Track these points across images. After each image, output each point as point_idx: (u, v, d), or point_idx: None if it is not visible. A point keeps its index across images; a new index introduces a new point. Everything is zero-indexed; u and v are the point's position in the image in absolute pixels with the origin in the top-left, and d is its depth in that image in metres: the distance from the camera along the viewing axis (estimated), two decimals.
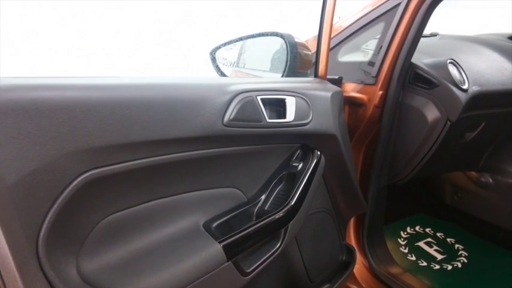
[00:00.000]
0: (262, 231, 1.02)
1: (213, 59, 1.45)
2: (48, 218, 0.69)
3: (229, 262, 0.94)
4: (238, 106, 0.98)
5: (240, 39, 1.44)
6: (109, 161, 0.77)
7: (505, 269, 1.93)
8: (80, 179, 0.73)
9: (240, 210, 1.06)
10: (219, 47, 1.44)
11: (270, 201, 1.11)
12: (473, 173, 2.15)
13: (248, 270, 0.99)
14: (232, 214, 1.04)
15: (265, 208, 1.10)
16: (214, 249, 0.92)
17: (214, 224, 1.00)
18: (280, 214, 1.05)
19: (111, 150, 0.77)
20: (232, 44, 1.45)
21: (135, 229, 0.88)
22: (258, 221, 1.02)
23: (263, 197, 1.12)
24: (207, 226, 0.98)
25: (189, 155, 0.92)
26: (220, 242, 0.93)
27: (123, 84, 0.83)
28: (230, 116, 0.96)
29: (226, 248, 0.93)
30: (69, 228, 0.75)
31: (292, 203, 1.07)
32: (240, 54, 1.66)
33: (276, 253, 1.06)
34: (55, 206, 0.70)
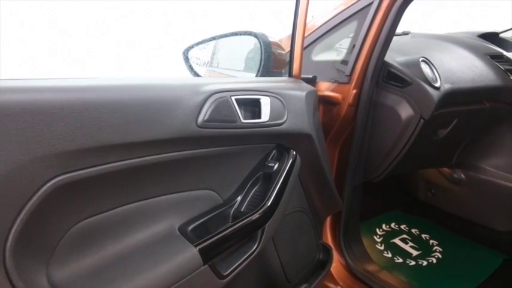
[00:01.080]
0: (238, 233, 1.00)
1: (186, 59, 1.42)
2: (15, 227, 0.66)
3: (206, 266, 0.92)
4: (212, 107, 0.96)
5: (213, 38, 1.42)
6: (79, 166, 0.75)
7: (479, 263, 1.96)
8: (48, 185, 0.70)
9: (215, 212, 1.04)
10: (191, 47, 1.42)
11: (246, 203, 1.10)
12: (446, 169, 2.19)
13: (225, 273, 0.97)
14: (208, 216, 1.02)
15: (242, 209, 1.08)
16: (190, 253, 0.90)
17: (190, 227, 0.98)
18: (257, 215, 1.03)
19: (81, 154, 0.74)
20: (205, 44, 1.43)
21: (109, 234, 0.86)
22: (234, 222, 1.00)
23: (239, 198, 1.10)
24: (182, 229, 0.96)
25: (163, 158, 0.89)
26: (196, 246, 0.91)
27: (93, 85, 0.81)
28: (204, 116, 0.94)
29: (202, 252, 0.91)
30: (39, 236, 0.72)
31: (269, 204, 1.06)
32: (213, 54, 1.64)
33: (253, 255, 1.04)
34: (22, 213, 0.67)
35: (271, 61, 1.34)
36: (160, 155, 0.88)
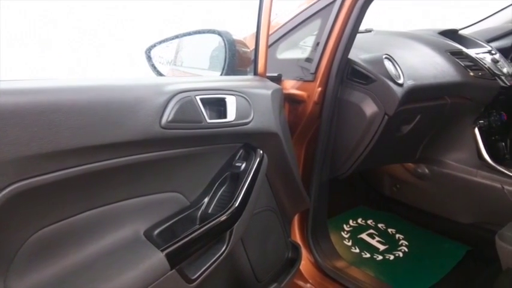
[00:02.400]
0: (206, 235, 0.98)
1: (149, 58, 1.39)
2: None
3: (173, 270, 0.90)
4: (176, 107, 0.94)
5: (176, 37, 1.39)
6: (37, 172, 0.71)
7: (443, 255, 2.01)
8: (4, 192, 0.66)
9: (182, 215, 1.02)
10: (154, 45, 1.39)
11: (213, 204, 1.08)
12: (410, 164, 2.23)
13: (193, 277, 0.95)
14: (175, 220, 1.00)
15: (209, 211, 1.06)
16: (157, 258, 0.87)
17: (156, 232, 0.95)
18: (225, 216, 1.02)
19: (38, 160, 0.71)
20: (168, 42, 1.40)
21: (71, 242, 0.82)
22: (201, 225, 0.98)
23: (206, 199, 1.08)
24: (148, 234, 0.94)
25: (126, 161, 0.87)
26: (162, 250, 0.89)
27: (50, 87, 0.77)
28: (168, 117, 0.92)
29: (169, 256, 0.89)
30: None
31: (237, 205, 1.04)
32: (177, 52, 1.61)
33: (222, 257, 1.03)
34: None
35: (236, 59, 1.33)
36: (122, 158, 0.86)
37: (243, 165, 1.12)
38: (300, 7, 1.70)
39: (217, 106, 1.07)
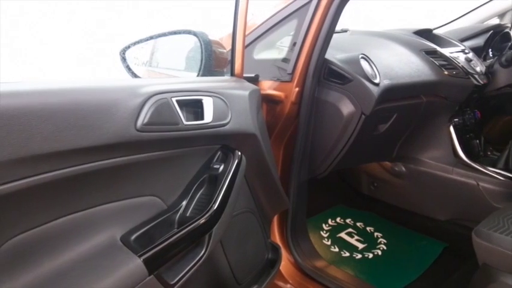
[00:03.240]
0: (185, 239, 0.97)
1: (123, 59, 1.36)
2: None
3: (152, 276, 0.88)
4: (152, 109, 0.92)
5: (151, 37, 1.37)
6: (8, 178, 0.69)
7: (421, 252, 2.03)
8: None
9: (160, 219, 1.00)
10: (128, 47, 1.36)
11: (191, 207, 1.06)
12: (387, 163, 2.25)
13: (172, 282, 0.94)
14: (152, 224, 0.98)
15: (187, 214, 1.05)
16: (134, 264, 0.85)
17: (133, 237, 0.93)
18: (203, 219, 1.00)
19: (9, 166, 0.68)
20: (143, 43, 1.38)
21: (45, 250, 0.80)
22: (180, 229, 0.97)
23: (184, 203, 1.07)
24: (125, 239, 0.92)
25: (101, 165, 0.84)
26: (140, 256, 0.87)
27: (21, 90, 0.74)
28: (144, 120, 0.90)
29: (147, 262, 0.87)
30: None
31: (215, 207, 1.03)
32: (152, 53, 1.58)
33: (201, 260, 1.01)
34: None
35: (213, 60, 1.31)
36: (97, 163, 0.83)
37: (221, 167, 1.11)
38: (276, 7, 1.69)
39: (194, 108, 1.06)
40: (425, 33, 2.18)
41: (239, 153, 1.16)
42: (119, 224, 0.93)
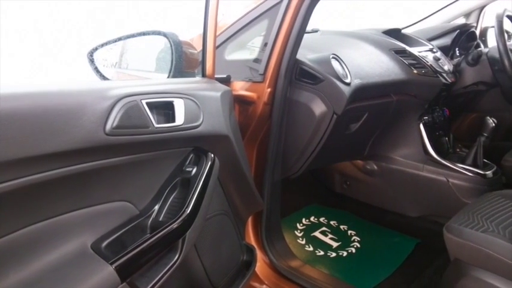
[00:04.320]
0: (158, 244, 0.95)
1: (91, 61, 1.33)
2: None
3: (124, 283, 0.86)
4: (121, 112, 0.90)
5: (119, 39, 1.34)
6: None
7: (394, 249, 2.06)
8: None
9: (131, 224, 0.98)
10: (96, 48, 1.33)
11: (164, 211, 1.04)
12: (359, 161, 2.27)
13: None
14: (124, 230, 0.96)
15: (160, 219, 1.03)
16: (106, 272, 0.83)
17: (104, 244, 0.91)
18: (176, 224, 0.98)
19: None
20: (111, 44, 1.35)
21: (11, 261, 0.77)
22: (152, 234, 0.95)
23: (156, 207, 1.05)
24: (95, 247, 0.89)
25: (69, 171, 0.82)
26: (111, 263, 0.84)
27: None
28: (113, 123, 0.87)
29: (119, 269, 0.84)
30: None
31: (188, 211, 1.01)
32: (122, 55, 1.55)
33: (175, 266, 0.99)
34: None
35: (183, 61, 1.30)
36: (65, 168, 0.81)
37: (194, 170, 1.10)
38: (247, 8, 1.68)
39: (165, 110, 1.04)
40: (394, 33, 2.21)
41: (212, 155, 1.15)
42: (89, 231, 0.91)
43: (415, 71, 1.94)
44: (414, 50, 2.08)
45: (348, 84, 1.61)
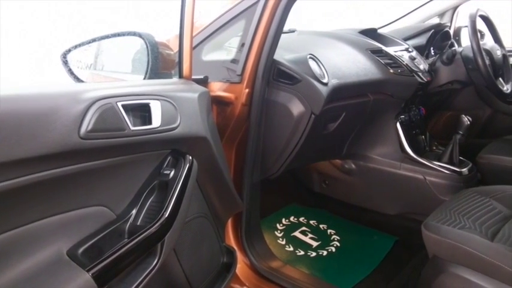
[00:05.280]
0: (136, 249, 0.93)
1: (65, 63, 1.30)
2: None
3: None
4: (96, 115, 0.88)
5: (93, 40, 1.31)
6: None
7: (373, 247, 2.08)
8: None
9: (109, 229, 0.96)
10: (69, 50, 1.30)
11: (142, 216, 1.03)
12: (337, 160, 2.28)
13: None
14: (101, 235, 0.94)
15: (138, 223, 1.01)
16: (83, 279, 0.81)
17: (80, 250, 0.88)
18: (155, 228, 0.97)
19: None
20: (85, 46, 1.32)
21: None
22: (130, 239, 0.93)
23: (134, 211, 1.03)
24: (71, 253, 0.87)
25: (43, 176, 0.80)
26: (88, 270, 0.82)
27: None
28: (88, 127, 0.85)
29: (96, 276, 0.83)
30: None
31: (167, 215, 1.00)
32: (97, 56, 1.53)
33: (154, 270, 0.98)
34: None
35: (160, 62, 1.28)
36: (39, 174, 0.78)
37: (172, 173, 1.08)
38: (224, 8, 1.67)
39: (141, 112, 1.02)
40: (370, 33, 2.23)
41: (190, 157, 1.14)
42: (65, 237, 0.88)
43: (391, 71, 1.95)
44: (390, 50, 2.09)
45: (326, 84, 1.61)
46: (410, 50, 2.23)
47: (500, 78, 2.16)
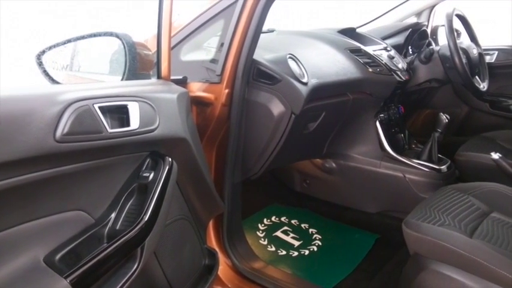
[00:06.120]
0: (115, 254, 0.91)
1: (40, 64, 1.27)
2: None
3: None
4: (72, 117, 0.86)
5: (69, 41, 1.28)
6: None
7: (355, 245, 2.09)
8: None
9: (87, 234, 0.94)
10: (43, 51, 1.27)
11: (121, 219, 1.01)
12: (318, 160, 2.29)
13: None
14: (79, 241, 0.91)
15: (117, 228, 0.99)
16: (60, 286, 0.79)
17: (58, 256, 0.86)
18: (135, 232, 0.95)
19: None
20: (60, 47, 1.29)
21: None
22: (109, 243, 0.91)
23: (113, 215, 1.01)
24: (48, 260, 0.85)
25: (17, 181, 0.77)
26: (66, 277, 0.80)
27: None
28: (63, 129, 0.83)
29: (74, 283, 0.81)
30: None
31: (147, 218, 0.98)
32: (73, 57, 1.49)
33: (134, 275, 0.96)
34: None
35: (138, 63, 1.26)
36: (13, 179, 0.76)
37: (151, 175, 1.06)
38: (202, 7, 1.66)
39: (119, 114, 1.00)
40: (349, 32, 2.24)
41: (169, 159, 1.12)
42: (41, 243, 0.86)
43: (370, 70, 1.97)
44: (369, 49, 2.11)
45: (305, 84, 1.61)
46: (388, 49, 2.25)
47: (477, 77, 2.19)
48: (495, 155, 1.76)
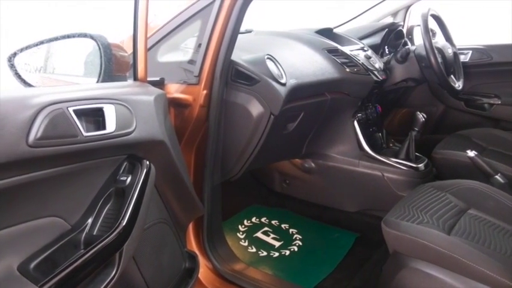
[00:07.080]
0: (93, 260, 0.89)
1: (11, 66, 1.23)
2: None
3: None
4: (46, 121, 0.83)
5: (41, 42, 1.25)
6: None
7: (335, 244, 2.10)
8: None
9: (63, 241, 0.91)
10: (15, 54, 1.23)
11: (98, 225, 0.99)
12: (297, 160, 2.29)
13: None
14: (54, 247, 0.89)
15: (94, 233, 0.97)
16: None
17: (33, 264, 0.84)
18: (112, 237, 0.93)
19: None
20: (33, 48, 1.26)
21: None
22: (87, 250, 0.89)
23: (90, 220, 0.98)
24: (23, 269, 0.82)
25: None
26: (42, 286, 0.78)
27: None
28: (37, 134, 0.81)
29: None
30: None
31: (124, 222, 0.96)
32: (47, 59, 1.46)
33: (113, 281, 0.94)
34: None
35: (113, 64, 1.24)
36: None
37: (129, 179, 1.04)
38: (179, 8, 1.64)
39: (95, 117, 0.98)
40: (326, 32, 2.25)
41: (147, 162, 1.10)
42: (15, 251, 0.83)
43: (347, 70, 1.97)
44: (346, 49, 2.12)
45: (284, 84, 1.61)
46: (365, 49, 2.27)
47: (452, 76, 2.23)
48: (471, 153, 1.78)
